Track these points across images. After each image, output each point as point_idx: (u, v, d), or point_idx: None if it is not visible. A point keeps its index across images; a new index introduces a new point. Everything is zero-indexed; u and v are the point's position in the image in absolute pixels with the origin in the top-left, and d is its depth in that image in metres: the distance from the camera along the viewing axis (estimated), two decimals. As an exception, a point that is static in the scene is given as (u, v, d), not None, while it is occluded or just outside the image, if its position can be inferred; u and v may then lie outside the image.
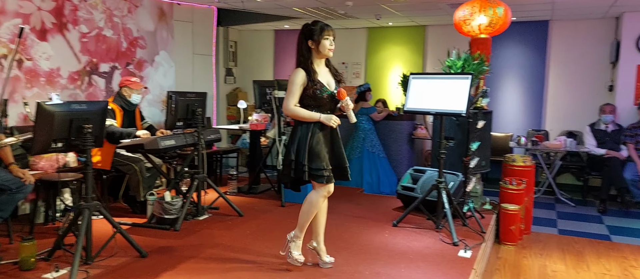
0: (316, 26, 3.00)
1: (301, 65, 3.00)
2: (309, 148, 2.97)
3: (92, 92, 5.23)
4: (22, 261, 3.04)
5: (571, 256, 4.33)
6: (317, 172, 2.97)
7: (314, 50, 3.02)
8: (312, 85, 2.97)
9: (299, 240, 3.20)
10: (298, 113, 2.99)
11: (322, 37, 2.99)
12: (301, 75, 2.97)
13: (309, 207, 3.11)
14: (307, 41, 3.01)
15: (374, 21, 7.67)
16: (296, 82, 2.96)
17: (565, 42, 7.22)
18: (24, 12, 4.50)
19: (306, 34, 3.01)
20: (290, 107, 2.98)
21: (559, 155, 6.55)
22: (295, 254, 3.19)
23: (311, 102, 2.99)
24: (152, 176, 4.54)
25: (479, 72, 4.63)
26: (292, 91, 2.97)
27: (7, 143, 3.33)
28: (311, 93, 2.97)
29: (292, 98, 2.97)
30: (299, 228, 3.18)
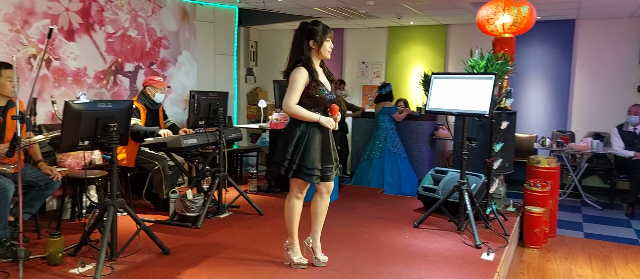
0: (319, 27, 3.00)
1: (302, 64, 2.98)
2: (305, 148, 2.97)
3: (117, 91, 5.33)
4: (49, 256, 3.11)
5: (598, 261, 4.24)
6: (310, 172, 2.96)
7: (314, 51, 3.01)
8: (315, 85, 2.97)
9: (294, 246, 3.22)
10: (298, 112, 2.96)
11: (324, 38, 2.99)
12: (304, 74, 2.95)
13: (290, 212, 3.14)
14: (308, 41, 2.99)
15: (395, 20, 7.62)
16: (299, 80, 2.94)
17: (592, 42, 7.06)
18: (53, 13, 4.60)
19: (307, 33, 3.00)
20: (292, 105, 2.94)
21: (585, 156, 6.41)
22: (296, 259, 3.19)
23: (309, 101, 2.98)
24: (175, 174, 4.59)
25: (502, 72, 4.56)
26: (295, 89, 2.94)
27: (36, 140, 3.42)
28: (312, 93, 2.97)
29: (294, 96, 2.94)
30: (289, 234, 3.20)
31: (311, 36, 2.99)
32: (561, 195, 6.40)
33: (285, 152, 2.98)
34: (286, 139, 3.02)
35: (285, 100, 2.97)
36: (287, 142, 2.99)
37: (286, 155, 2.97)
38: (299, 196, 3.14)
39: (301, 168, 2.96)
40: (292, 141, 2.98)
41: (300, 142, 2.98)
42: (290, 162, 2.97)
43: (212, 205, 4.34)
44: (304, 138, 2.97)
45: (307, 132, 2.98)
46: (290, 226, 3.17)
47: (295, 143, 2.97)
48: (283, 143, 3.04)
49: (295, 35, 3.05)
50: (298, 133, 2.98)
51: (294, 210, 3.14)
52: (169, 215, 4.23)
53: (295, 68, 2.98)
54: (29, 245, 3.42)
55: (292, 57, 3.03)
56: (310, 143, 2.97)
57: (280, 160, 3.00)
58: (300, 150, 2.96)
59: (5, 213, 3.18)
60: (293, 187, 3.12)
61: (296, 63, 3.00)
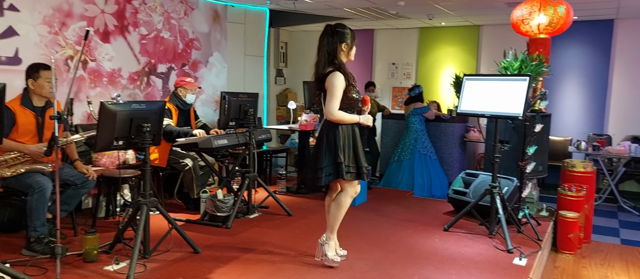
0: (347, 29, 3.04)
1: (337, 68, 3.00)
2: (354, 149, 3.08)
3: (150, 92, 5.45)
4: (85, 253, 3.20)
5: (636, 268, 4.08)
6: (361, 171, 3.09)
7: (344, 54, 3.05)
8: (352, 88, 3.02)
9: (331, 241, 3.24)
10: (343, 118, 3.01)
11: (354, 43, 3.07)
12: (342, 79, 2.97)
13: (340, 209, 3.16)
14: (340, 44, 3.01)
15: (426, 21, 7.54)
16: (339, 86, 2.95)
17: (631, 42, 6.82)
18: (89, 15, 4.74)
19: (340, 36, 3.01)
20: (336, 112, 2.98)
21: (623, 161, 6.20)
22: (331, 255, 3.21)
23: (347, 104, 3.03)
24: (205, 174, 4.66)
25: (537, 74, 4.46)
26: (336, 95, 2.96)
27: (73, 140, 3.52)
28: (351, 96, 3.01)
29: (337, 101, 2.97)
30: (330, 230, 3.22)
31: (343, 39, 3.02)
32: (597, 200, 6.21)
33: (335, 156, 3.01)
34: (332, 143, 3.03)
35: (328, 108, 2.98)
36: (335, 146, 3.01)
37: (338, 159, 3.00)
38: (352, 196, 3.17)
39: (355, 168, 3.06)
40: (339, 144, 3.01)
41: (349, 144, 3.06)
42: (346, 166, 3.02)
43: (242, 205, 4.39)
44: (350, 140, 3.06)
45: (350, 134, 3.08)
46: (336, 223, 3.20)
47: (343, 146, 3.03)
48: (328, 147, 3.03)
49: (324, 38, 3.04)
50: (343, 135, 3.04)
51: (344, 208, 3.17)
52: (199, 215, 4.30)
53: (332, 74, 2.98)
54: (66, 242, 3.52)
55: (324, 61, 3.03)
56: (356, 144, 3.09)
57: (331, 163, 3.01)
58: (350, 151, 3.06)
59: (44, 210, 3.29)
60: (347, 187, 3.13)
61: (328, 66, 3.01)
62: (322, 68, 3.04)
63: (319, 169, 3.04)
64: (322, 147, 3.06)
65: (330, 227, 3.22)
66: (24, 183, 3.28)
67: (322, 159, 3.04)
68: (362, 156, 3.11)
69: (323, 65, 3.03)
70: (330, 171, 3.04)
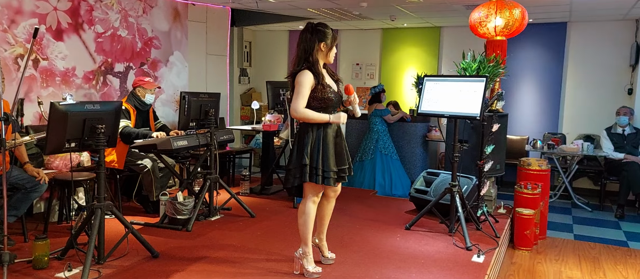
0: (328, 30, 2.98)
1: (308, 67, 2.94)
2: (322, 151, 2.95)
3: (106, 92, 5.28)
4: (35, 260, 3.07)
5: (587, 262, 4.25)
6: (327, 174, 2.95)
7: (322, 53, 2.99)
8: (322, 88, 2.94)
9: (308, 255, 3.12)
10: (308, 116, 2.93)
11: (334, 43, 3.00)
12: (310, 78, 2.92)
13: (305, 218, 3.06)
14: (319, 43, 2.96)
15: (389, 22, 7.62)
16: (305, 84, 2.91)
17: (583, 44, 7.09)
18: (41, 12, 4.55)
19: (319, 35, 2.96)
20: (301, 109, 2.92)
21: (576, 158, 6.44)
22: (311, 269, 3.09)
23: (317, 104, 2.96)
24: (165, 176, 4.56)
25: (494, 75, 4.57)
26: (302, 93, 2.91)
27: (22, 142, 3.37)
28: (319, 95, 2.94)
29: (302, 100, 2.91)
30: (303, 242, 3.11)
31: (322, 38, 2.96)
32: (552, 197, 6.43)
33: (301, 158, 2.94)
34: (300, 145, 2.98)
35: (293, 105, 2.93)
36: (303, 148, 2.96)
37: (303, 160, 2.93)
38: (314, 200, 3.07)
39: (318, 171, 2.93)
40: (307, 145, 2.95)
41: (316, 145, 2.95)
42: (310, 167, 2.93)
43: (203, 207, 4.31)
44: (318, 141, 2.95)
45: (320, 135, 2.96)
46: (305, 233, 3.07)
47: (310, 147, 2.95)
48: (298, 149, 2.99)
49: (303, 36, 2.99)
50: (311, 136, 2.96)
51: (310, 216, 3.06)
52: (159, 218, 4.19)
53: (300, 72, 2.93)
54: (15, 248, 3.37)
55: (299, 58, 2.99)
56: (325, 146, 2.96)
57: (298, 166, 2.96)
58: (318, 154, 2.94)
59: (-9, 215, 3.13)
60: (308, 192, 3.04)
61: (302, 64, 2.96)
62: (296, 65, 3.00)
63: (288, 170, 3.00)
64: (294, 149, 3.02)
65: (302, 239, 3.10)
66: (-31, 188, 3.11)
67: (292, 160, 3.01)
68: (330, 160, 2.96)
69: (297, 63, 2.99)
70: (297, 174, 2.98)
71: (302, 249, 3.12)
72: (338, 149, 3.03)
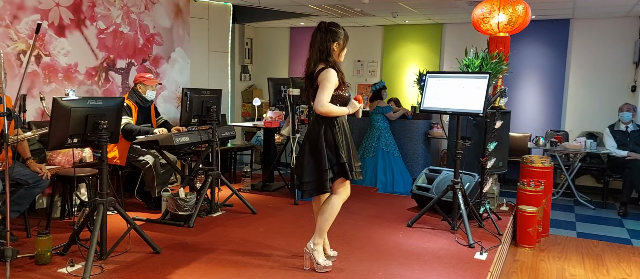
0: (340, 29, 3.02)
1: (331, 65, 2.99)
2: (349, 149, 3.04)
3: (108, 88, 5.27)
4: (38, 255, 3.07)
5: (590, 260, 4.24)
6: (352, 169, 3.02)
7: (335, 53, 3.03)
8: (344, 87, 3.02)
9: (319, 247, 3.11)
10: (332, 110, 2.96)
11: (346, 44, 3.05)
12: (335, 76, 2.96)
13: (332, 212, 3.07)
14: (333, 43, 3.00)
15: (391, 19, 7.60)
16: (332, 80, 2.95)
17: (586, 41, 7.07)
18: (43, 8, 4.54)
19: (332, 35, 3.00)
20: (327, 104, 2.94)
21: (579, 156, 6.42)
22: (322, 262, 3.08)
23: (337, 102, 3.01)
24: (167, 172, 4.55)
25: (497, 71, 4.55)
26: (328, 89, 2.94)
27: (24, 137, 3.37)
28: (342, 94, 3.01)
29: (328, 95, 2.94)
30: (318, 234, 3.09)
31: (335, 39, 3.00)
32: (554, 195, 6.42)
33: (337, 157, 2.97)
34: (330, 143, 2.98)
35: (318, 100, 2.94)
36: (335, 146, 2.98)
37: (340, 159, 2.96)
38: (344, 197, 3.11)
39: (353, 167, 3.02)
40: (337, 143, 2.97)
41: (346, 143, 3.02)
42: (339, 165, 2.98)
43: (205, 203, 4.31)
44: (346, 139, 3.04)
45: (343, 133, 3.03)
46: (325, 226, 3.08)
47: (334, 146, 2.98)
48: (317, 150, 2.98)
49: (316, 34, 3.02)
50: (328, 136, 2.99)
51: (336, 211, 3.08)
52: (161, 214, 4.19)
53: (326, 69, 2.97)
54: (18, 244, 3.37)
55: (316, 58, 3.01)
56: (348, 142, 3.04)
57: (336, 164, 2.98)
58: (349, 151, 3.02)
59: (-7, 211, 3.13)
60: (341, 188, 3.07)
61: (320, 64, 3.00)
62: (313, 65, 3.02)
63: (324, 171, 2.97)
64: (322, 148, 2.99)
65: (320, 231, 3.09)
66: (-29, 183, 3.12)
67: (324, 160, 2.97)
68: (354, 155, 3.08)
69: (315, 62, 3.02)
70: (337, 170, 2.99)
71: (315, 242, 3.10)
72: (350, 144, 3.11)
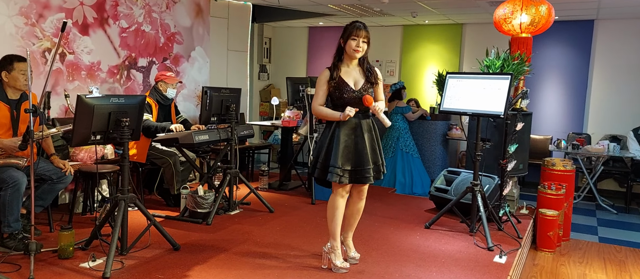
0: (349, 25, 3.02)
1: (332, 64, 3.07)
2: (327, 147, 3.02)
3: (130, 86, 5.35)
4: (60, 250, 3.13)
5: (613, 266, 4.15)
6: (332, 170, 2.95)
7: (344, 50, 3.05)
8: (334, 85, 2.99)
9: (336, 249, 3.11)
10: (322, 112, 3.05)
11: (350, 37, 2.98)
12: (325, 75, 3.03)
13: (331, 211, 3.08)
14: (340, 39, 3.05)
15: (410, 19, 7.56)
16: (320, 82, 3.04)
17: (611, 43, 6.93)
18: (67, 7, 4.63)
19: (342, 32, 3.06)
20: (315, 107, 3.06)
21: (601, 159, 6.30)
22: (339, 263, 3.09)
23: (337, 101, 3.02)
24: (186, 170, 4.60)
25: (518, 73, 4.49)
26: (317, 91, 3.05)
27: (49, 134, 3.44)
28: (332, 91, 3.01)
29: (317, 98, 3.05)
30: (331, 236, 3.11)
31: (342, 34, 3.05)
32: (576, 198, 6.30)
33: (318, 154, 3.06)
34: (320, 141, 3.10)
35: (311, 104, 3.10)
36: (320, 144, 3.07)
37: (319, 157, 3.03)
38: (342, 194, 3.06)
39: (327, 166, 2.99)
40: (324, 142, 3.04)
41: (327, 141, 3.03)
42: (316, 161, 3.04)
43: (223, 201, 4.34)
44: (326, 137, 3.04)
45: (330, 131, 3.03)
46: (333, 227, 3.07)
47: (320, 143, 3.07)
48: (317, 145, 3.12)
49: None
50: (329, 133, 3.04)
51: (336, 209, 3.06)
52: (179, 211, 4.24)
53: (321, 72, 3.07)
54: (41, 238, 3.44)
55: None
56: (332, 141, 3.00)
57: (315, 162, 3.08)
58: (325, 149, 3.02)
59: (18, 205, 3.20)
60: (334, 186, 3.08)
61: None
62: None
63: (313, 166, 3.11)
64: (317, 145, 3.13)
65: (330, 233, 3.11)
66: (-2, 178, 3.19)
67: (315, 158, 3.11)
68: (339, 157, 2.93)
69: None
70: (311, 170, 3.10)
71: (330, 244, 3.12)
72: (356, 147, 2.99)
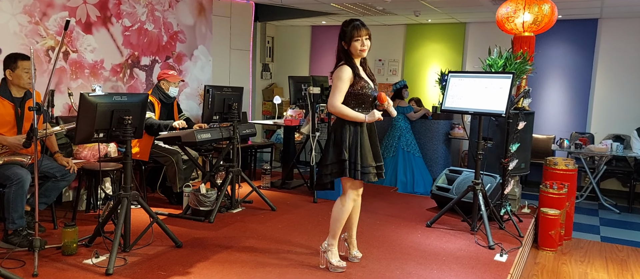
0: (348, 27, 2.97)
1: (346, 62, 2.98)
2: (360, 147, 2.95)
3: (133, 85, 5.38)
4: (64, 246, 3.15)
5: (614, 265, 4.15)
6: (365, 170, 2.94)
7: (349, 51, 3.01)
8: (359, 82, 2.95)
9: (333, 248, 3.12)
10: (344, 112, 2.93)
11: (352, 39, 2.95)
12: (348, 72, 2.93)
13: (341, 213, 3.06)
14: (341, 42, 3.01)
15: (413, 18, 7.55)
16: (344, 78, 2.92)
17: (614, 42, 6.91)
18: (71, 5, 4.65)
19: (340, 35, 3.01)
20: (337, 104, 2.92)
21: (604, 159, 6.29)
22: (335, 262, 3.10)
23: (354, 100, 2.96)
24: (189, 168, 4.62)
25: (521, 72, 4.49)
26: (340, 88, 2.91)
27: (52, 131, 3.46)
28: (358, 90, 2.94)
29: (339, 95, 2.92)
30: (331, 235, 3.11)
31: (342, 37, 2.99)
32: (578, 198, 6.30)
33: (340, 153, 2.94)
34: (338, 140, 2.97)
35: (330, 100, 2.94)
36: (341, 143, 2.95)
37: (342, 156, 2.93)
38: (354, 197, 3.07)
39: (357, 166, 2.93)
40: (345, 141, 2.94)
41: (353, 141, 2.95)
42: (349, 162, 2.93)
43: (225, 199, 4.36)
44: (355, 137, 2.95)
45: (357, 131, 2.96)
46: (337, 228, 3.08)
47: (348, 142, 2.95)
48: (335, 144, 2.99)
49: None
50: (348, 132, 2.95)
51: (348, 212, 3.06)
52: (182, 209, 4.26)
53: (339, 67, 2.97)
54: (45, 235, 3.47)
55: (336, 58, 3.05)
56: (362, 142, 2.96)
57: (336, 161, 2.96)
58: (356, 150, 2.94)
59: (22, 203, 3.23)
60: (348, 188, 3.04)
61: (337, 63, 3.02)
62: (335, 65, 3.05)
63: (324, 166, 3.00)
64: (329, 144, 3.01)
65: (331, 232, 3.10)
66: (2, 175, 3.22)
67: (328, 156, 3.00)
68: (368, 156, 2.97)
69: (336, 63, 3.05)
70: (335, 169, 2.97)
71: (329, 242, 3.12)
72: (374, 146, 3.04)
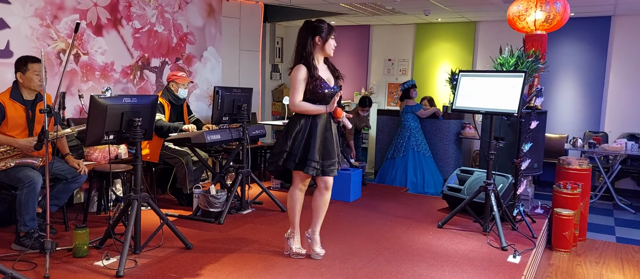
0: (324, 24, 3.11)
1: (302, 61, 3.08)
2: (307, 141, 3.06)
3: (143, 86, 5.40)
4: (75, 248, 3.16)
5: (631, 266, 4.08)
6: (309, 163, 3.05)
7: (319, 47, 3.10)
8: (312, 81, 3.06)
9: (295, 236, 3.32)
10: (304, 108, 3.07)
11: (329, 36, 3.10)
12: (303, 71, 3.06)
13: (290, 201, 3.24)
14: (314, 37, 3.08)
15: (423, 17, 7.50)
16: (299, 78, 3.05)
17: (629, 39, 6.80)
18: (82, 8, 4.68)
19: (313, 30, 3.09)
20: (296, 102, 3.07)
21: (619, 158, 6.19)
22: (295, 249, 3.30)
23: (312, 97, 3.08)
24: (198, 169, 4.62)
25: (533, 70, 4.43)
26: (296, 87, 3.07)
27: (63, 134, 3.48)
28: (311, 88, 3.06)
29: (297, 94, 3.07)
30: (291, 225, 3.31)
31: (317, 32, 3.09)
32: (592, 198, 6.20)
33: (284, 144, 3.10)
34: (286, 132, 3.13)
35: (290, 99, 3.11)
36: (287, 135, 3.11)
37: (285, 147, 3.08)
38: (301, 188, 3.23)
39: (302, 160, 3.07)
40: (292, 133, 3.09)
41: (300, 135, 3.08)
42: (289, 154, 3.08)
43: (235, 200, 4.35)
44: (304, 131, 3.08)
45: (307, 125, 3.09)
46: (292, 216, 3.28)
47: (294, 135, 3.09)
48: (283, 135, 3.15)
49: (299, 32, 3.14)
50: (298, 126, 3.09)
51: (296, 201, 3.24)
52: (192, 210, 4.26)
53: (295, 67, 3.10)
54: (56, 237, 3.49)
55: (297, 54, 3.13)
56: (311, 136, 3.07)
57: (280, 151, 3.12)
58: (302, 143, 3.07)
59: (34, 204, 3.25)
60: (295, 179, 3.20)
61: (298, 61, 3.11)
62: (292, 63, 3.15)
63: (271, 155, 3.22)
64: (282, 136, 3.18)
65: (291, 221, 3.31)
66: (14, 177, 3.24)
67: (275, 146, 3.20)
68: (314, 150, 3.03)
69: (293, 60, 3.15)
70: (276, 159, 3.13)
71: (290, 231, 3.34)
72: (326, 142, 3.10)
